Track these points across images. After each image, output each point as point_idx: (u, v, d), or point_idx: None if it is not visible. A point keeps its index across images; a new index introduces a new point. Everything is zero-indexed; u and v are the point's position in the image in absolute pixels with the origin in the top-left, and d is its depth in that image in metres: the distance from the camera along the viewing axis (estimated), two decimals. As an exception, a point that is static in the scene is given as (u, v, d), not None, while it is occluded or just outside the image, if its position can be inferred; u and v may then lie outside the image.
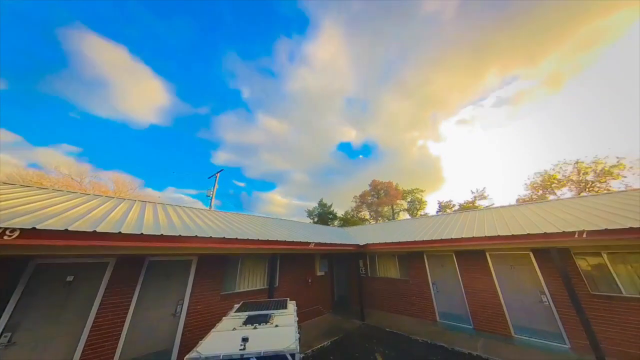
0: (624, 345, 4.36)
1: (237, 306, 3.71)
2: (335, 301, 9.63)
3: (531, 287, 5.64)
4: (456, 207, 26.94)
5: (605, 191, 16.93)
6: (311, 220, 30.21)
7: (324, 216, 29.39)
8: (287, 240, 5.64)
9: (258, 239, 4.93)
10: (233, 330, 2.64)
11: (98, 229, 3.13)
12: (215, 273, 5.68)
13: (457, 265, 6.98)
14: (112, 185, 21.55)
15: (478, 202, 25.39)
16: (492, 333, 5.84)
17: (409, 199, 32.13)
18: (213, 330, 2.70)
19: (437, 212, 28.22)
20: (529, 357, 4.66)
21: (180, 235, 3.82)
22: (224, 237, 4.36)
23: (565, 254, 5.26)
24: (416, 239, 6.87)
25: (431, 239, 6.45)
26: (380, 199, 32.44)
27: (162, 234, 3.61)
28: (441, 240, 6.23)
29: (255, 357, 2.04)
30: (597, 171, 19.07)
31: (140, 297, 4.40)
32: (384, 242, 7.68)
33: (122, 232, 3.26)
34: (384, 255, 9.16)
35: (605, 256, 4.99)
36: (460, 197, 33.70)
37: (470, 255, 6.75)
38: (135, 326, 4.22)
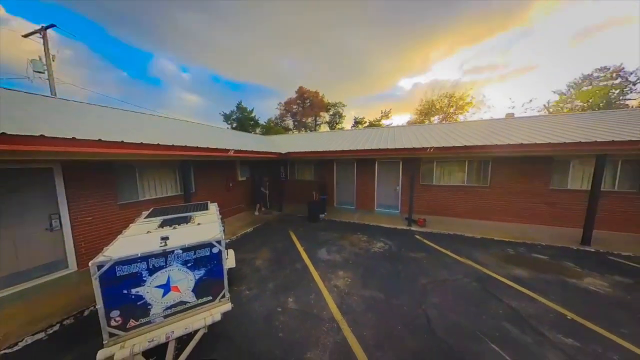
0: (423, 208, 8.10)
1: (146, 213, 3.49)
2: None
3: (393, 182, 8.59)
4: (367, 124, 31.41)
5: (454, 121, 24.37)
6: (229, 126, 26.94)
7: (243, 122, 26.64)
8: (201, 146, 5.00)
9: (158, 144, 4.07)
10: (147, 233, 2.60)
11: None
12: (101, 182, 4.67)
13: (355, 170, 9.19)
14: None
15: (383, 121, 30.47)
16: (364, 209, 9.04)
17: (331, 112, 33.56)
18: (120, 236, 2.55)
19: (352, 127, 32.07)
20: (379, 219, 7.82)
21: (4, 133, 2.50)
22: (101, 140, 3.28)
23: (418, 162, 7.98)
24: (330, 149, 7.98)
25: (341, 150, 7.71)
26: (305, 109, 31.91)
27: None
28: (348, 151, 7.60)
29: (181, 250, 2.24)
30: (458, 105, 26.27)
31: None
32: (304, 151, 8.44)
33: None
34: (303, 162, 10.38)
35: (435, 163, 8.01)
36: (372, 114, 38.87)
37: (365, 162, 8.91)
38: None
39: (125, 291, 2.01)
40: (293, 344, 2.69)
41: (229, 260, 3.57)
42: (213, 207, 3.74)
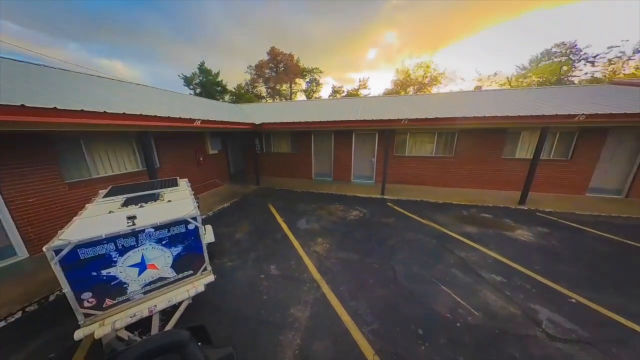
0: (393, 177, 8.64)
1: (103, 192, 3.15)
2: (233, 174, 10.50)
3: (369, 153, 8.84)
4: (344, 93, 30.36)
5: (428, 93, 24.84)
6: (191, 92, 23.79)
7: (209, 87, 23.65)
8: (160, 115, 4.39)
9: (105, 112, 3.47)
10: (110, 213, 2.39)
11: None
12: (38, 157, 3.99)
13: (332, 141, 9.15)
14: None
15: (360, 91, 29.70)
16: (341, 180, 9.35)
17: (307, 79, 31.38)
18: (76, 217, 2.31)
19: (329, 96, 30.77)
20: (356, 189, 8.22)
21: None
22: (24, 106, 2.68)
23: (392, 133, 8.21)
24: (308, 120, 7.70)
25: (319, 121, 7.50)
26: (279, 74, 29.23)
27: None
28: (326, 122, 7.43)
29: (153, 228, 2.12)
30: (433, 76, 26.54)
31: None
32: (280, 121, 8.01)
33: None
34: (279, 133, 9.94)
35: (408, 134, 8.34)
36: (350, 84, 37.41)
37: (343, 134, 8.88)
38: None
39: (94, 273, 1.92)
40: (277, 304, 2.95)
41: (207, 235, 3.53)
42: (183, 183, 3.51)
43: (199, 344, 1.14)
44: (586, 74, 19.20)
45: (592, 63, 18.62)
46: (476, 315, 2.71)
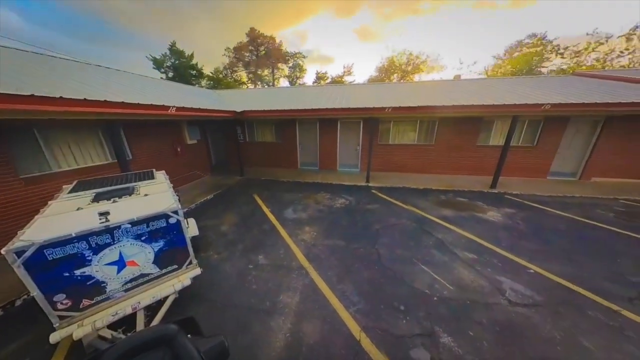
0: (377, 165, 8.85)
1: (68, 187, 2.88)
2: (214, 165, 10.08)
3: (354, 142, 8.91)
4: (329, 80, 29.68)
5: (411, 80, 25.13)
6: (163, 76, 21.81)
7: (182, 71, 21.78)
8: (129, 102, 3.99)
9: (61, 97, 3.08)
10: (78, 210, 2.21)
11: None
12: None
13: (318, 130, 9.05)
14: None
15: (345, 78, 29.22)
16: (327, 169, 9.40)
17: (290, 64, 30.08)
18: (38, 216, 2.11)
19: (314, 82, 29.92)
20: (341, 177, 8.33)
21: None
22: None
23: (376, 122, 8.29)
24: (292, 108, 7.49)
25: (304, 109, 7.33)
26: (260, 58, 27.64)
27: None
28: (311, 110, 7.28)
29: (130, 224, 2.01)
30: (415, 64, 26.77)
31: None
32: (263, 109, 7.70)
33: None
34: (262, 122, 9.60)
35: (392, 123, 8.48)
36: (334, 70, 36.61)
37: (328, 122, 8.81)
38: None
39: (66, 273, 1.80)
40: (267, 292, 3.01)
41: (191, 229, 3.43)
42: (161, 176, 3.32)
43: (189, 335, 1.15)
44: (554, 64, 20.53)
45: (562, 54, 19.90)
46: (451, 289, 2.99)
